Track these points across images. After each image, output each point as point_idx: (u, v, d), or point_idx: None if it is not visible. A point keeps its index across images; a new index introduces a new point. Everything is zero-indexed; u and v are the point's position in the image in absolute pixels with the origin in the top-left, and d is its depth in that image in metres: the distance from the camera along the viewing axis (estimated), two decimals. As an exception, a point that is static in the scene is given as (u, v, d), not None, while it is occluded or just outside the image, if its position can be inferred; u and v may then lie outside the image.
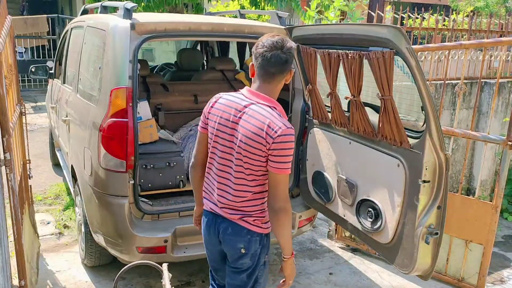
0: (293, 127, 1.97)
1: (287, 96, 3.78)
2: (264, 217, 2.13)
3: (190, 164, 2.29)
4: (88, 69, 3.45)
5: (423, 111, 2.42)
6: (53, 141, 5.49)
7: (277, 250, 4.07)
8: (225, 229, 2.12)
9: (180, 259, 3.05)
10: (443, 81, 4.28)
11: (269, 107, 1.98)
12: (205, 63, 5.69)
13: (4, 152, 2.43)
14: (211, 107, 2.11)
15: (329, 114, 3.13)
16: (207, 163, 2.17)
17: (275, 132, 1.91)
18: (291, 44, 2.00)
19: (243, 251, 2.11)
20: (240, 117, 2.00)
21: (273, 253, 4.03)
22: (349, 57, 2.63)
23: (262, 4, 7.29)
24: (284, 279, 2.21)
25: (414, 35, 6.52)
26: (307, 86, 3.23)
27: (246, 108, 2.00)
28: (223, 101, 2.08)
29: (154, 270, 3.63)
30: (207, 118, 2.12)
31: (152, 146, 3.39)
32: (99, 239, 3.12)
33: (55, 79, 5.05)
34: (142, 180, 3.20)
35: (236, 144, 2.00)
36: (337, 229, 4.29)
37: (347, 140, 3.00)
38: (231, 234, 2.11)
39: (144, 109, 3.43)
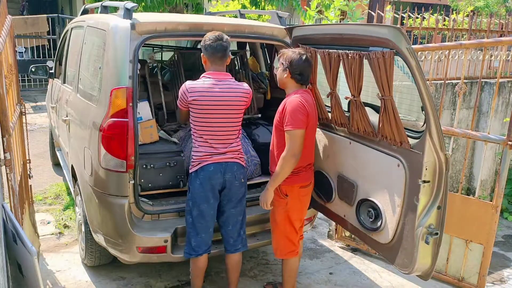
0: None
1: (287, 96, 3.77)
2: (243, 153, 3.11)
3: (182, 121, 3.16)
4: (88, 69, 3.45)
5: (423, 111, 2.42)
6: (53, 141, 5.49)
7: (277, 250, 4.07)
8: (230, 168, 2.91)
9: (180, 259, 3.05)
10: (443, 81, 4.28)
11: (231, 78, 2.92)
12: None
13: (4, 152, 2.43)
14: (193, 93, 2.80)
15: (329, 114, 3.13)
16: (204, 134, 2.85)
17: (249, 91, 2.94)
18: (227, 36, 2.88)
19: (242, 180, 2.98)
20: (226, 91, 2.84)
21: (273, 253, 4.03)
22: (349, 57, 2.63)
23: (263, 4, 7.30)
24: None
25: (414, 35, 6.52)
26: (307, 86, 3.23)
27: (225, 84, 2.85)
28: (203, 85, 2.81)
29: (154, 270, 3.64)
30: (190, 100, 2.79)
31: (152, 146, 3.39)
32: (99, 239, 3.12)
33: (55, 79, 5.05)
34: (142, 180, 3.20)
35: (230, 108, 2.85)
36: (337, 229, 4.29)
37: (347, 140, 3.00)
38: (236, 170, 2.92)
39: (144, 109, 3.43)
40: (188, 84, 2.82)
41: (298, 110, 2.81)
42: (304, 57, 2.87)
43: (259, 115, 4.09)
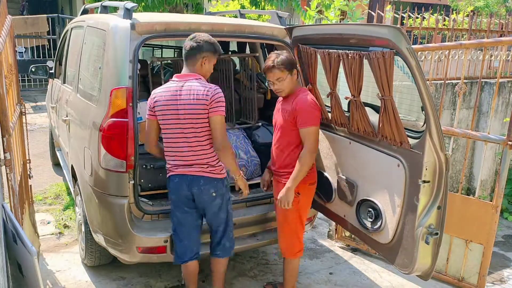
0: (218, 87, 2.68)
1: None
2: (220, 165, 2.78)
3: (148, 146, 2.84)
4: (88, 69, 3.45)
5: (423, 111, 2.42)
6: (53, 141, 5.49)
7: (276, 250, 4.07)
8: (197, 182, 2.73)
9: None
10: (443, 81, 4.28)
11: (196, 79, 2.69)
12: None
13: (4, 152, 2.43)
14: (155, 100, 2.70)
15: (329, 114, 3.13)
16: (166, 142, 2.74)
17: (209, 91, 2.64)
18: (202, 35, 2.72)
19: (213, 194, 2.77)
20: (180, 95, 2.65)
21: (273, 253, 4.03)
22: (349, 57, 2.63)
23: (262, 4, 7.30)
24: (241, 192, 2.93)
25: (414, 35, 6.52)
26: (307, 86, 3.23)
27: (182, 87, 2.66)
28: (162, 91, 2.71)
29: (154, 270, 3.64)
30: (154, 108, 2.71)
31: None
32: (99, 239, 3.12)
33: (55, 79, 5.05)
34: (142, 180, 3.20)
35: (182, 114, 2.64)
36: (337, 229, 4.29)
37: (347, 140, 3.00)
38: (203, 184, 2.74)
39: (144, 109, 3.43)
40: (154, 91, 2.77)
41: (312, 107, 2.86)
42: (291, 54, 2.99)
43: (260, 124, 4.05)
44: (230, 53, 5.10)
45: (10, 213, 2.35)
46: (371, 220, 2.80)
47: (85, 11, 4.44)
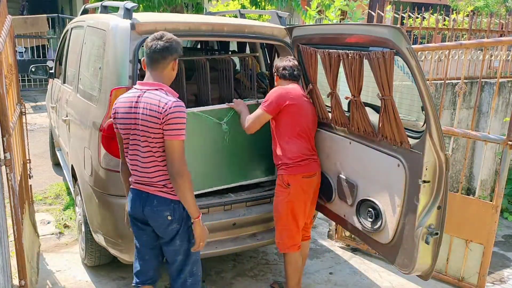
0: (180, 101, 2.28)
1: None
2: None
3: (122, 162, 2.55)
4: (88, 69, 3.45)
5: (423, 111, 2.42)
6: (53, 141, 5.49)
7: (277, 249, 4.07)
8: (150, 202, 2.37)
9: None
10: (443, 81, 4.28)
11: (156, 89, 2.30)
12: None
13: (4, 152, 2.43)
14: (115, 111, 2.40)
15: (329, 114, 3.13)
16: (126, 155, 2.44)
17: (164, 107, 2.23)
18: (171, 36, 2.33)
19: (169, 218, 2.38)
20: (136, 107, 2.31)
21: (273, 253, 4.03)
22: (349, 57, 2.63)
23: (263, 3, 7.30)
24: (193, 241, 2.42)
25: (414, 35, 6.52)
26: (307, 86, 3.23)
27: (139, 98, 2.31)
28: (122, 101, 2.39)
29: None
30: (114, 119, 2.42)
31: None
32: (99, 238, 3.12)
33: (55, 78, 5.05)
34: (142, 180, 3.20)
35: (139, 129, 2.30)
36: (337, 229, 4.29)
37: (347, 140, 3.00)
38: (156, 205, 2.37)
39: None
40: (117, 99, 2.46)
41: None
42: None
43: None
44: (230, 53, 5.09)
45: None
46: (371, 220, 2.80)
47: (85, 11, 4.44)
